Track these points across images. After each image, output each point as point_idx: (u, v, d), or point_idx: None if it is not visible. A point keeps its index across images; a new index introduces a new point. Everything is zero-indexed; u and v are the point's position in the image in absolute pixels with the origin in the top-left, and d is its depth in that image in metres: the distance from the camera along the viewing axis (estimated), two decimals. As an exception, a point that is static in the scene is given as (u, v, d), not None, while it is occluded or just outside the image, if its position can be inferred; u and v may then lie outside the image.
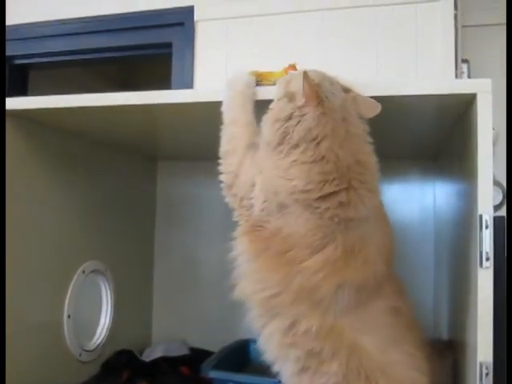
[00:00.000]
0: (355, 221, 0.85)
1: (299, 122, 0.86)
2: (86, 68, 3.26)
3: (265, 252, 0.88)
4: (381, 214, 0.94)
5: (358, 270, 0.85)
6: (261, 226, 0.89)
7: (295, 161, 0.85)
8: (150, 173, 1.81)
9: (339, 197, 0.84)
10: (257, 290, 0.89)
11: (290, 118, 0.87)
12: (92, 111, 1.08)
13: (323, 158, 0.84)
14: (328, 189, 0.83)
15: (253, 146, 0.93)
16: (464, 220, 0.98)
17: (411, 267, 1.52)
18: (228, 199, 0.96)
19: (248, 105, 0.95)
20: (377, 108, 0.89)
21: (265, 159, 0.90)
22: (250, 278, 0.91)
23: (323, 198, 0.84)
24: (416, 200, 1.61)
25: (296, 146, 0.85)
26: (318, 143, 0.84)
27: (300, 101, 0.86)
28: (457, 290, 1.07)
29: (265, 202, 0.89)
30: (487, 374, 0.75)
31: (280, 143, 0.87)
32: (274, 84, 0.93)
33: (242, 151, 0.93)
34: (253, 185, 0.91)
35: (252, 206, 0.91)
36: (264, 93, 0.96)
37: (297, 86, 0.87)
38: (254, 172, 0.91)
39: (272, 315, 0.89)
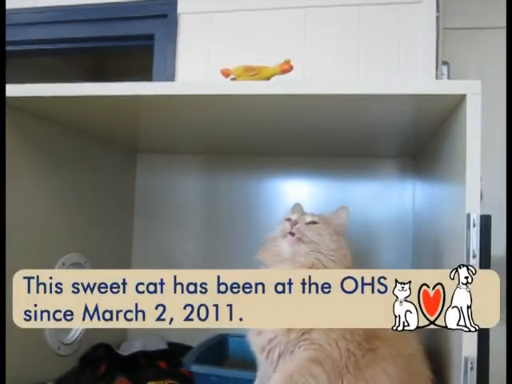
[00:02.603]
0: None
1: None
2: (64, 58, 3.20)
3: None
4: None
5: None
6: None
7: None
8: (129, 165, 1.79)
9: None
10: None
11: None
12: (71, 101, 1.05)
13: None
14: None
15: None
16: (447, 219, 1.00)
17: (388, 267, 1.54)
18: None
19: None
20: (347, 213, 1.05)
21: None
22: None
23: None
24: (395, 198, 1.64)
25: None
26: None
27: None
28: (438, 286, 1.09)
29: None
30: (472, 369, 0.77)
31: None
32: (268, 79, 0.93)
33: None
34: None
35: None
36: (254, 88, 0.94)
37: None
38: None
39: None
